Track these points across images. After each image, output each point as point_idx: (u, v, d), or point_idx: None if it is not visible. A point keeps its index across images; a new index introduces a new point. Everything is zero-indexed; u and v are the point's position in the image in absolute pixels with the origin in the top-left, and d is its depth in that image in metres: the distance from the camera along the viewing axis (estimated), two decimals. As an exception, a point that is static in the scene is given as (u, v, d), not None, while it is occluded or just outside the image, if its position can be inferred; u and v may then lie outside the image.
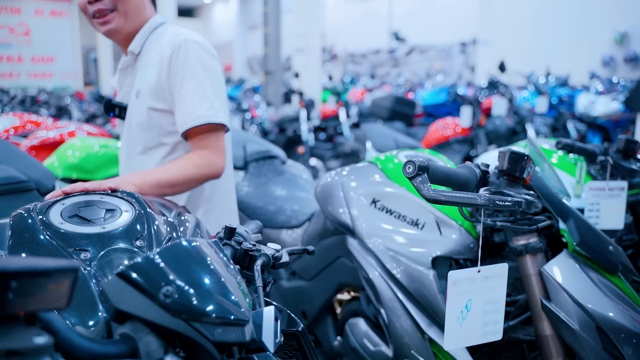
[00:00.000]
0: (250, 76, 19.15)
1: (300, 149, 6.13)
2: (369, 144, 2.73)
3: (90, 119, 4.64)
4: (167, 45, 1.59)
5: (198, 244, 0.70)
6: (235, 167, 2.15)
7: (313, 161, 5.98)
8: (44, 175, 1.73)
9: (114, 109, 1.75)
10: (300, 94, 6.52)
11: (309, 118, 6.69)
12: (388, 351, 1.30)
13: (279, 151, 2.26)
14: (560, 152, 1.83)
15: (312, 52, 8.84)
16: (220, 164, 1.56)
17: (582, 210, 1.63)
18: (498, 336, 1.00)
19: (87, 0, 1.57)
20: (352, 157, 4.61)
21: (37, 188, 1.67)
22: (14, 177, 1.64)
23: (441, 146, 4.51)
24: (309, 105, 7.19)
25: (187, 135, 1.56)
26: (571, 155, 1.75)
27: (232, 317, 0.64)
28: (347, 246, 1.40)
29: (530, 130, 4.82)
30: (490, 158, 1.68)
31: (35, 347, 0.48)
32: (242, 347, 0.72)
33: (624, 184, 1.56)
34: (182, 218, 1.03)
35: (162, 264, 0.63)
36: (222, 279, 0.67)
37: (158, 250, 0.65)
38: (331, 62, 17.19)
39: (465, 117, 4.27)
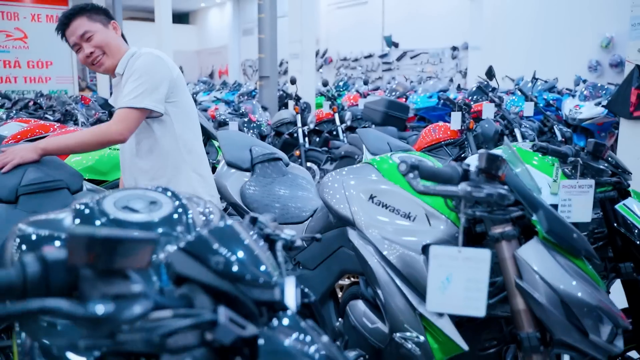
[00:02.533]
0: (245, 80, 19.34)
1: (296, 152, 6.32)
2: (364, 148, 2.93)
3: (95, 123, 4.82)
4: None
5: (237, 225, 0.88)
6: (243, 169, 2.35)
7: (308, 164, 6.18)
8: (73, 176, 1.91)
9: None
10: (297, 99, 6.70)
11: (304, 122, 6.89)
12: (384, 328, 1.49)
13: (282, 154, 2.45)
14: (540, 155, 2.03)
15: (307, 58, 9.05)
16: (114, 132, 2.05)
17: (556, 207, 1.83)
18: (481, 313, 1.19)
19: (85, 56, 2.19)
20: (346, 159, 4.79)
21: (67, 187, 1.85)
22: (47, 177, 1.82)
23: (433, 149, 4.70)
24: (304, 110, 7.39)
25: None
26: (540, 155, 1.95)
27: (264, 280, 0.82)
28: (347, 237, 1.59)
29: (518, 134, 5.03)
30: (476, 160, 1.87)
31: (136, 293, 0.66)
32: (270, 308, 0.90)
33: (592, 182, 1.76)
34: (210, 209, 1.22)
35: (213, 240, 0.82)
36: (256, 252, 0.86)
37: (209, 229, 0.84)
38: (325, 67, 17.39)
39: (455, 122, 4.47)
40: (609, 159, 1.95)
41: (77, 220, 1.05)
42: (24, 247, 1.00)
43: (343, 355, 0.88)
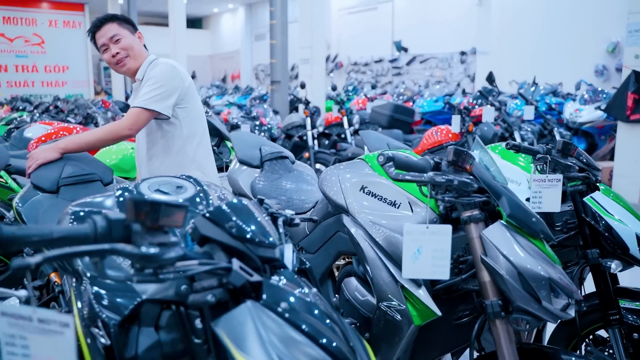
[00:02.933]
0: (257, 85, 19.64)
1: (306, 154, 6.58)
2: (366, 148, 3.18)
3: (115, 126, 5.11)
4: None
5: (247, 202, 1.14)
6: (253, 166, 2.61)
7: (317, 165, 6.44)
8: (105, 170, 2.18)
9: None
10: (307, 103, 6.96)
11: (313, 125, 7.15)
12: (372, 299, 1.73)
13: (288, 153, 2.71)
14: (523, 155, 2.28)
15: (317, 63, 9.31)
16: (124, 126, 2.39)
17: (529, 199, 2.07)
18: (445, 276, 1.44)
19: (111, 55, 2.50)
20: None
21: (100, 179, 2.12)
22: (83, 171, 2.10)
23: (435, 150, 4.94)
24: (313, 114, 7.65)
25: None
26: (524, 156, 2.20)
27: (268, 242, 1.08)
28: (343, 222, 1.83)
29: (517, 137, 5.25)
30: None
31: (173, 242, 0.92)
32: (272, 267, 1.15)
33: (560, 176, 2.00)
34: (225, 193, 1.48)
35: (228, 210, 1.07)
36: (261, 221, 1.11)
37: (225, 203, 1.09)
38: (335, 71, 17.65)
39: (455, 125, 4.71)
40: (580, 157, 2.19)
41: (121, 199, 1.32)
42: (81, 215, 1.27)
43: (325, 302, 1.13)
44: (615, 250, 2.07)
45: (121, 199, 1.32)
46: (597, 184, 2.19)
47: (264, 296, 1.02)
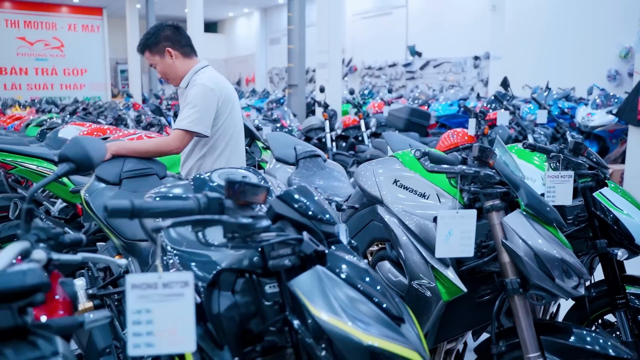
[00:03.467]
0: (272, 88, 19.92)
1: (325, 156, 6.81)
2: (388, 147, 3.40)
3: (147, 127, 5.39)
4: None
5: (308, 187, 1.37)
6: (288, 163, 2.85)
7: (336, 167, 6.66)
8: (159, 165, 2.43)
9: None
10: (326, 106, 7.20)
11: (332, 128, 7.39)
12: (404, 280, 1.95)
13: (320, 151, 2.94)
14: (538, 155, 2.50)
15: (334, 67, 9.53)
16: (172, 147, 2.74)
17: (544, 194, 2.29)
18: (470, 254, 1.67)
19: (159, 77, 3.08)
20: (372, 162, 5.27)
21: (156, 173, 2.37)
22: (142, 166, 2.35)
23: (451, 152, 5.16)
24: (332, 117, 7.89)
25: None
26: (539, 155, 2.42)
27: (329, 218, 1.31)
28: (377, 212, 2.06)
29: (531, 139, 5.45)
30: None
31: (261, 215, 1.15)
32: (329, 242, 1.38)
33: (571, 173, 2.21)
34: (279, 182, 1.72)
35: (297, 193, 1.31)
36: (322, 203, 1.34)
37: (294, 187, 1.33)
38: (349, 75, 17.88)
39: (471, 127, 4.93)
40: (590, 156, 2.40)
41: (197, 185, 1.56)
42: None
43: (374, 272, 1.36)
44: (622, 241, 2.28)
45: (196, 184, 1.56)
46: (606, 181, 2.41)
47: (328, 263, 1.26)
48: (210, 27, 25.21)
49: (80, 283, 2.18)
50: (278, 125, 6.94)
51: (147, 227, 1.62)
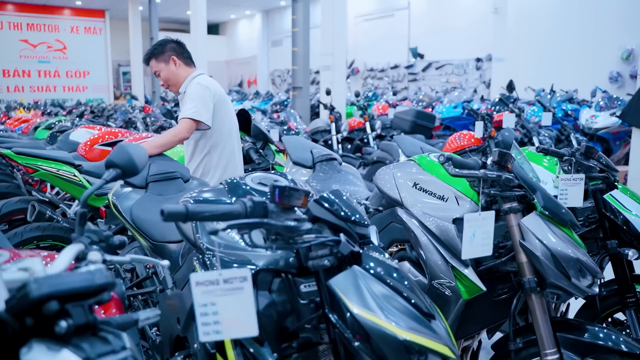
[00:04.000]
0: (274, 90, 19.99)
1: (340, 160, 6.89)
2: (400, 151, 3.49)
3: (158, 130, 5.46)
4: None
5: (342, 191, 1.45)
6: (305, 166, 2.93)
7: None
8: (183, 169, 2.51)
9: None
10: (332, 108, 7.28)
11: (337, 130, 7.47)
12: (424, 279, 2.03)
13: (336, 155, 3.02)
14: (547, 157, 2.58)
15: (338, 70, 9.60)
16: (182, 132, 3.06)
17: (557, 196, 2.37)
18: (489, 252, 1.76)
19: (160, 83, 3.44)
20: (378, 164, 5.35)
21: (181, 177, 2.45)
22: (167, 170, 2.42)
23: (458, 154, 5.23)
24: (337, 119, 7.98)
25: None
26: (548, 158, 2.50)
27: (363, 221, 1.39)
28: (397, 214, 2.14)
29: (536, 142, 5.53)
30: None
31: (303, 218, 1.23)
32: (361, 243, 1.46)
33: (582, 175, 2.30)
34: (307, 186, 1.80)
35: (332, 197, 1.38)
36: (356, 206, 1.42)
37: (329, 192, 1.40)
38: (352, 77, 17.95)
39: (478, 130, 5.00)
40: (600, 159, 2.48)
41: (232, 188, 1.64)
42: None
43: (403, 271, 1.43)
44: (632, 241, 2.36)
45: (229, 187, 1.64)
46: (616, 184, 2.49)
47: (363, 263, 1.34)
48: (212, 29, 25.28)
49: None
50: (285, 127, 7.02)
51: (187, 232, 1.70)
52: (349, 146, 7.76)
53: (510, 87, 5.97)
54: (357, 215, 1.39)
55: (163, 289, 2.03)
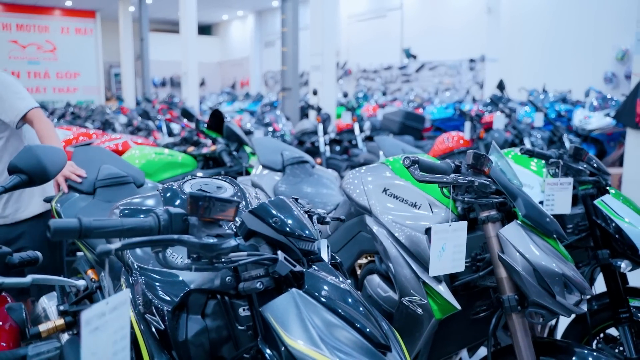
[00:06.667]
0: (267, 91, 19.80)
1: (318, 160, 6.69)
2: (381, 152, 3.28)
3: (134, 131, 5.25)
4: None
5: (287, 199, 1.24)
6: (275, 169, 2.72)
7: (329, 171, 6.54)
8: (137, 173, 2.30)
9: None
10: (318, 109, 7.08)
11: (325, 132, 7.26)
12: (394, 295, 1.83)
13: (309, 157, 2.82)
14: (535, 160, 2.38)
15: (328, 70, 9.41)
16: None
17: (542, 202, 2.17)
18: (461, 268, 1.55)
19: None
20: (366, 167, 5.15)
21: (133, 182, 2.24)
22: (118, 174, 2.21)
23: (446, 156, 5.04)
24: (325, 120, 7.77)
25: (24, 119, 2.36)
26: (536, 160, 2.30)
27: (308, 234, 1.18)
28: (365, 222, 1.93)
29: (527, 143, 5.34)
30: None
31: (228, 233, 1.02)
32: (309, 260, 1.26)
33: (570, 179, 2.09)
34: (258, 193, 1.59)
35: (272, 207, 1.18)
36: (301, 217, 1.21)
37: (268, 200, 1.20)
38: (344, 78, 17.78)
39: (466, 131, 4.81)
40: (591, 161, 2.28)
41: (167, 196, 1.43)
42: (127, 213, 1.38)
43: (358, 293, 1.23)
44: (625, 251, 2.16)
45: (166, 196, 1.43)
46: (607, 188, 2.29)
47: (306, 285, 1.13)
48: (205, 30, 25.08)
49: (49, 301, 2.05)
50: (270, 129, 6.82)
51: (96, 248, 1.48)
52: (338, 148, 7.56)
53: (501, 86, 5.78)
54: (302, 228, 1.19)
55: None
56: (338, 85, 14.94)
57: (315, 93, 7.27)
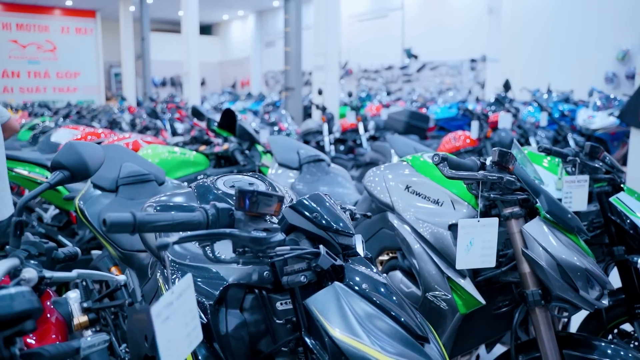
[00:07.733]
0: (267, 91, 19.82)
1: (329, 160, 6.71)
2: (392, 151, 3.32)
3: (142, 130, 5.27)
4: None
5: (325, 195, 1.27)
6: (291, 168, 2.75)
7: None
8: (158, 171, 2.32)
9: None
10: (324, 109, 7.11)
11: (330, 131, 7.29)
12: (418, 291, 1.86)
13: (324, 156, 2.84)
14: (548, 158, 2.42)
15: (331, 70, 9.43)
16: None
17: (561, 199, 2.20)
18: (492, 264, 1.57)
19: None
20: (371, 166, 5.18)
21: (155, 179, 2.26)
22: (140, 172, 2.24)
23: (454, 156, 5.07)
24: (330, 120, 7.80)
25: None
26: (549, 158, 2.33)
27: (346, 230, 1.21)
28: (387, 219, 1.96)
29: (533, 142, 5.38)
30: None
31: (275, 227, 1.05)
32: (345, 255, 1.28)
33: (587, 177, 2.13)
34: (287, 189, 1.62)
35: (311, 202, 1.21)
36: (338, 212, 1.24)
37: (308, 196, 1.23)
38: (345, 78, 17.80)
39: (474, 130, 4.84)
40: (605, 159, 2.31)
41: (200, 192, 1.45)
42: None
43: (392, 285, 1.26)
44: (641, 247, 2.19)
45: (199, 192, 1.46)
46: (622, 185, 2.32)
47: (346, 278, 1.16)
48: (205, 30, 25.08)
49: (74, 296, 2.07)
50: (276, 128, 6.84)
51: (150, 242, 1.51)
52: (342, 147, 7.59)
53: (507, 86, 5.82)
54: (340, 224, 1.22)
55: (132, 302, 1.85)
56: (339, 85, 14.97)
57: (320, 93, 7.30)
